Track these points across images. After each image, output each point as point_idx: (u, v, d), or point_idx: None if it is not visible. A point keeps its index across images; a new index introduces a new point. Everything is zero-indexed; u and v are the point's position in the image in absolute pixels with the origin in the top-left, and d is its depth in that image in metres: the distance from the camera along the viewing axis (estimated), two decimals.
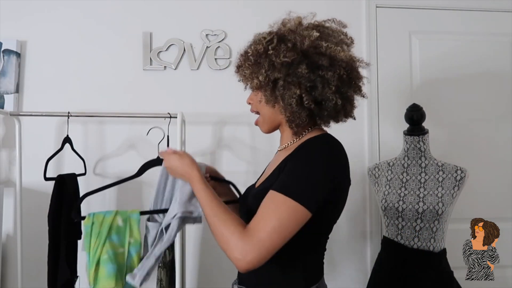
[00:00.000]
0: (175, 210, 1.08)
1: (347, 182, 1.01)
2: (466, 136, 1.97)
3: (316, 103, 0.95)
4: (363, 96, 1.04)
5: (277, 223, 0.84)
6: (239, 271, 0.87)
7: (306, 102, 0.94)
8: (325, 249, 1.05)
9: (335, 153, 0.93)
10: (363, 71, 1.05)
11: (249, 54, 0.99)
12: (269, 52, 0.95)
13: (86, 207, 1.80)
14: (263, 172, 1.14)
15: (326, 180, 0.89)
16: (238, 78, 1.06)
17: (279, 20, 1.06)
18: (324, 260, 1.08)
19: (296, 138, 1.03)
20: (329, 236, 1.05)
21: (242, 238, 0.84)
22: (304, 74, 0.92)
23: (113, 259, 1.17)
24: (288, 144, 1.04)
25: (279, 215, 0.84)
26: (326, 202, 0.90)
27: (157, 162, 1.30)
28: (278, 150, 1.09)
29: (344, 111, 1.02)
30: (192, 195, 1.08)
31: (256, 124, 1.08)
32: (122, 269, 1.19)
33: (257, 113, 1.07)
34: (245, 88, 1.08)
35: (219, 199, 0.95)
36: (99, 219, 1.18)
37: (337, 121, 1.05)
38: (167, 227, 1.10)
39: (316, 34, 0.96)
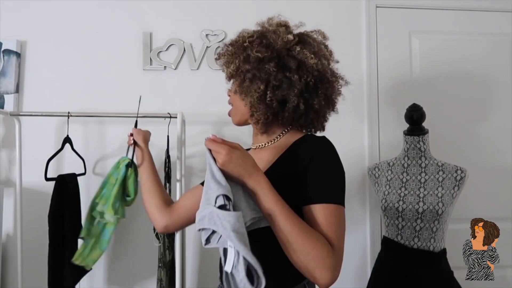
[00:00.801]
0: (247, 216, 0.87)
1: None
2: (466, 136, 1.97)
3: (279, 102, 0.99)
4: (333, 111, 1.10)
5: (343, 233, 0.90)
6: (323, 287, 0.84)
7: (268, 99, 0.98)
8: None
9: (336, 151, 0.96)
10: (343, 88, 1.13)
11: (229, 44, 1.05)
12: (245, 45, 1.00)
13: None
14: None
15: (344, 179, 0.95)
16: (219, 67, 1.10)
17: (266, 19, 1.10)
18: None
19: (273, 140, 1.05)
20: None
21: (333, 256, 0.84)
22: (271, 72, 0.97)
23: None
24: (263, 145, 1.06)
25: (342, 225, 0.90)
26: None
27: None
28: (254, 148, 1.09)
29: (306, 118, 1.03)
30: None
31: (229, 114, 1.11)
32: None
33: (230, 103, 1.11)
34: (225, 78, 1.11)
35: (290, 208, 0.87)
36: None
37: (303, 127, 1.07)
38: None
39: (290, 37, 1.00)
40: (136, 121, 1.47)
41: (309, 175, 0.91)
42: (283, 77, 0.97)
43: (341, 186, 0.93)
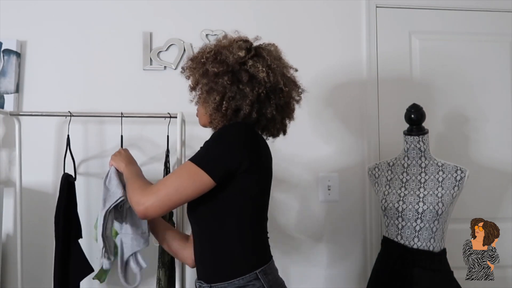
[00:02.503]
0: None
1: (257, 162, 1.09)
2: (466, 136, 1.97)
3: (233, 111, 1.12)
4: (290, 118, 1.23)
5: (177, 182, 1.03)
6: (139, 216, 1.06)
7: (223, 108, 1.11)
8: (266, 232, 1.17)
9: (233, 132, 1.08)
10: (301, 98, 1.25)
11: (190, 59, 1.20)
12: (202, 60, 1.13)
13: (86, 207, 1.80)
14: None
15: (227, 152, 1.04)
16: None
17: (222, 35, 1.23)
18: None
19: None
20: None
21: (145, 190, 1.06)
22: (226, 85, 1.10)
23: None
24: None
25: (179, 175, 1.05)
26: (230, 175, 1.04)
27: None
28: None
29: (258, 125, 1.16)
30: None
31: (196, 115, 1.29)
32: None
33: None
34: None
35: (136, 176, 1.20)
36: None
37: (262, 132, 1.20)
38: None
39: (241, 54, 1.10)
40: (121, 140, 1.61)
41: None
42: (237, 89, 1.10)
43: (210, 152, 1.06)
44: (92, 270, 1.57)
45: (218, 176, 1.02)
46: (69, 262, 1.54)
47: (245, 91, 1.09)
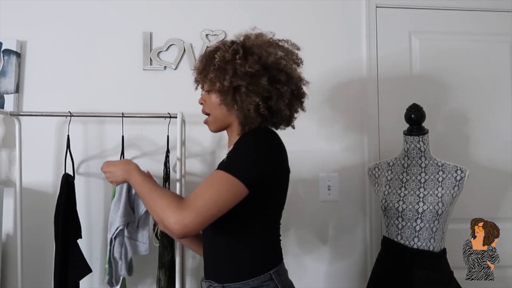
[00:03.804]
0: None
1: (283, 167, 1.09)
2: (466, 136, 1.97)
3: (270, 111, 1.10)
4: (303, 110, 1.21)
5: (214, 193, 0.95)
6: (176, 236, 1.00)
7: (261, 110, 1.07)
8: (279, 235, 1.16)
9: (268, 139, 1.05)
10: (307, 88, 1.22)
11: (216, 60, 1.09)
12: (236, 61, 1.06)
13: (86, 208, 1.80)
14: None
15: (260, 159, 1.01)
16: (195, 78, 1.20)
17: (242, 33, 1.18)
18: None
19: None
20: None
21: (179, 206, 0.94)
22: (264, 86, 1.06)
23: None
24: (232, 146, 1.12)
25: (217, 187, 0.96)
26: (262, 181, 1.01)
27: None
28: (227, 153, 1.15)
29: (289, 121, 1.17)
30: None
31: (206, 123, 1.20)
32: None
33: (207, 114, 1.18)
34: (196, 88, 1.25)
35: (157, 184, 1.10)
36: None
37: (278, 128, 1.18)
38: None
39: (281, 53, 1.10)
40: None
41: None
42: (274, 89, 1.08)
43: (246, 161, 1.00)
44: (91, 271, 1.57)
45: (252, 185, 0.99)
46: (68, 262, 1.55)
47: (282, 91, 1.09)
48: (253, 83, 1.06)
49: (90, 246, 1.78)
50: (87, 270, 1.56)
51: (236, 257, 1.04)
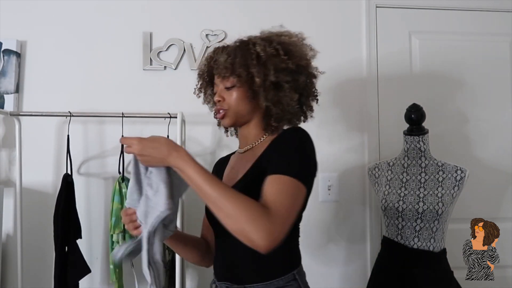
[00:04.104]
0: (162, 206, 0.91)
1: (317, 167, 1.06)
2: (466, 136, 1.97)
3: (302, 109, 1.12)
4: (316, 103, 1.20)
5: (292, 201, 0.89)
6: (262, 251, 0.84)
7: (297, 106, 1.08)
8: (299, 236, 1.14)
9: (309, 138, 1.02)
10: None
11: (254, 55, 1.04)
12: (281, 57, 1.04)
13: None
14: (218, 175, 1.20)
15: (311, 160, 0.99)
16: (220, 71, 1.07)
17: (273, 29, 1.14)
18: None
19: (262, 137, 1.10)
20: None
21: (268, 218, 0.83)
22: (302, 83, 1.08)
23: None
24: (251, 146, 1.11)
25: (291, 194, 0.89)
26: (312, 181, 0.99)
27: None
28: (242, 152, 1.13)
29: (305, 119, 1.18)
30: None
31: (221, 117, 1.09)
32: None
33: (218, 110, 1.10)
34: (200, 90, 1.20)
35: (215, 177, 0.90)
36: None
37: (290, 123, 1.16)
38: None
39: (312, 53, 1.11)
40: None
41: (271, 153, 0.99)
42: (306, 86, 1.10)
43: (304, 163, 0.96)
44: (90, 271, 1.57)
45: (309, 187, 0.97)
46: (68, 262, 1.55)
47: (311, 88, 1.12)
48: (294, 80, 1.06)
49: (90, 246, 1.78)
50: (86, 270, 1.56)
51: (262, 257, 0.91)
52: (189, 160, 0.89)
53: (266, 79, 1.02)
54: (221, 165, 1.23)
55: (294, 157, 0.95)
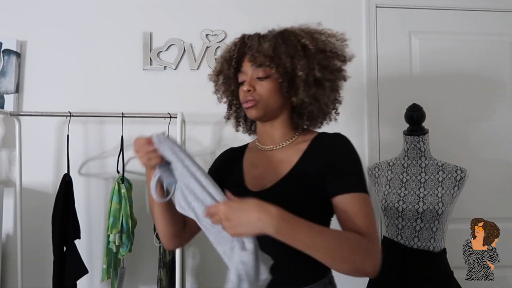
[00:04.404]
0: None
1: None
2: (466, 136, 1.97)
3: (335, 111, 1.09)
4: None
5: (374, 217, 0.93)
6: (372, 276, 0.88)
7: (332, 106, 1.05)
8: None
9: None
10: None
11: (299, 47, 0.98)
12: (329, 54, 1.00)
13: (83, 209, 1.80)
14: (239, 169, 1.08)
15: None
16: (258, 59, 0.97)
17: (301, 25, 1.07)
18: None
19: (292, 137, 1.04)
20: None
21: (372, 246, 0.87)
22: (338, 84, 1.05)
23: None
24: (280, 145, 1.04)
25: (370, 210, 0.93)
26: None
27: None
28: (275, 148, 1.04)
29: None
30: None
31: (250, 107, 1.00)
32: None
33: (246, 100, 1.00)
34: (253, 69, 1.00)
35: (313, 224, 0.82)
36: None
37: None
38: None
39: (350, 55, 1.07)
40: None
41: (334, 168, 0.94)
42: (339, 88, 1.06)
43: (364, 176, 0.95)
44: (87, 272, 1.57)
45: None
46: (65, 263, 1.55)
47: (341, 87, 1.08)
48: (336, 79, 1.03)
49: (90, 246, 1.78)
50: (83, 271, 1.56)
51: (300, 262, 0.91)
52: (289, 223, 0.79)
53: (310, 73, 0.97)
54: (232, 157, 1.13)
55: (359, 171, 0.95)
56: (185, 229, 1.06)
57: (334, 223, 1.01)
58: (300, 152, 1.00)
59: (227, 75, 1.06)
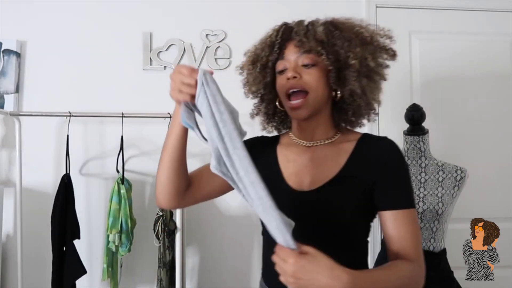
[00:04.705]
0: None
1: None
2: (466, 136, 1.97)
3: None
4: None
5: (420, 233, 0.91)
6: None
7: (377, 103, 1.01)
8: None
9: None
10: None
11: (354, 34, 0.92)
12: (382, 46, 0.95)
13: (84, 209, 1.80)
14: (273, 163, 1.00)
15: None
16: (308, 44, 0.90)
17: (347, 17, 1.04)
18: None
19: (334, 135, 0.97)
20: None
21: (420, 269, 0.90)
22: (382, 80, 0.99)
23: None
24: (321, 142, 0.96)
25: (419, 230, 0.91)
26: None
27: None
28: (315, 145, 0.96)
29: None
30: None
31: (298, 106, 0.90)
32: None
33: (289, 88, 0.91)
34: (298, 55, 0.91)
35: (374, 277, 0.82)
36: None
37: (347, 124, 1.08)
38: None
39: (392, 53, 1.00)
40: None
41: (386, 179, 0.89)
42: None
43: (412, 189, 0.92)
44: (85, 272, 1.57)
45: None
46: (64, 263, 1.55)
47: None
48: (384, 74, 0.97)
49: (90, 246, 1.78)
50: (82, 271, 1.56)
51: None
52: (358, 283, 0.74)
53: (364, 63, 0.90)
54: (266, 147, 1.03)
55: (410, 184, 0.91)
56: (187, 192, 0.98)
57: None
58: (346, 153, 0.92)
59: (264, 64, 0.95)
